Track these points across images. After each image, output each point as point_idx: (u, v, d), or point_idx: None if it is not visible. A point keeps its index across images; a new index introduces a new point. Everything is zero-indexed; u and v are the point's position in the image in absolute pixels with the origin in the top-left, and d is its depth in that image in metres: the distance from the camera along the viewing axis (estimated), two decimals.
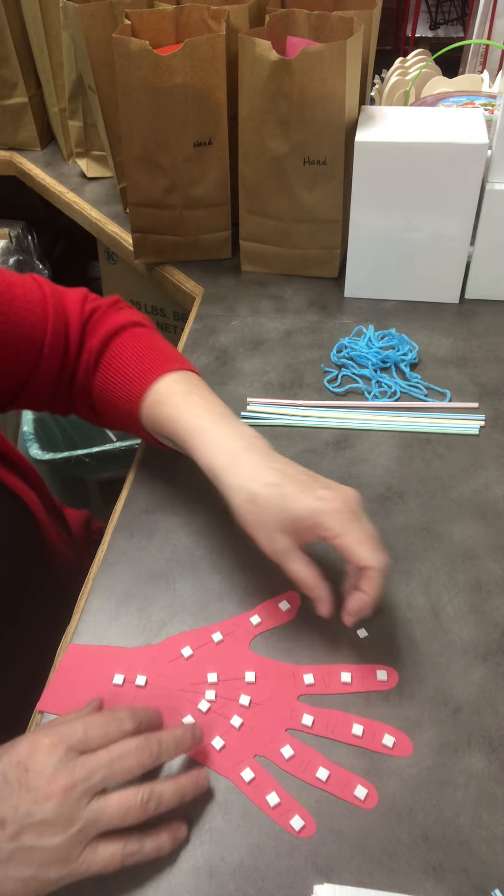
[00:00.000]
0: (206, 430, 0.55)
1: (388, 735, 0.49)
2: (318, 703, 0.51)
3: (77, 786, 0.40)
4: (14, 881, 0.39)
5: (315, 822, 0.45)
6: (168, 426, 0.58)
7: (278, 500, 0.50)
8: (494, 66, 1.42)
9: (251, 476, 0.52)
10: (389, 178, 0.79)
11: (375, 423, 0.73)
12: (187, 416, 0.57)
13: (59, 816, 0.39)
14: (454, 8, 2.45)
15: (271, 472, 0.51)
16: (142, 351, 0.62)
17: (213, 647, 0.54)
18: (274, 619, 0.56)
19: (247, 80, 0.79)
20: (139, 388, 0.60)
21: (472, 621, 0.56)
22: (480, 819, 0.45)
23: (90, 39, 0.91)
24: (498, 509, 0.64)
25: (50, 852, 0.39)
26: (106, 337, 0.63)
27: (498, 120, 0.79)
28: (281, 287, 0.92)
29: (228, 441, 0.54)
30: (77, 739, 0.42)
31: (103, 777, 0.41)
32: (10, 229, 1.49)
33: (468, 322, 0.86)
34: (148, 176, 0.87)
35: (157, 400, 0.59)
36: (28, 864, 0.39)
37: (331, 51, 0.73)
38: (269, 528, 0.51)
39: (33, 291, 0.62)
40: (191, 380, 0.60)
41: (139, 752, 0.42)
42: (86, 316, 0.64)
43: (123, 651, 0.54)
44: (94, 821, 0.40)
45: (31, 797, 0.39)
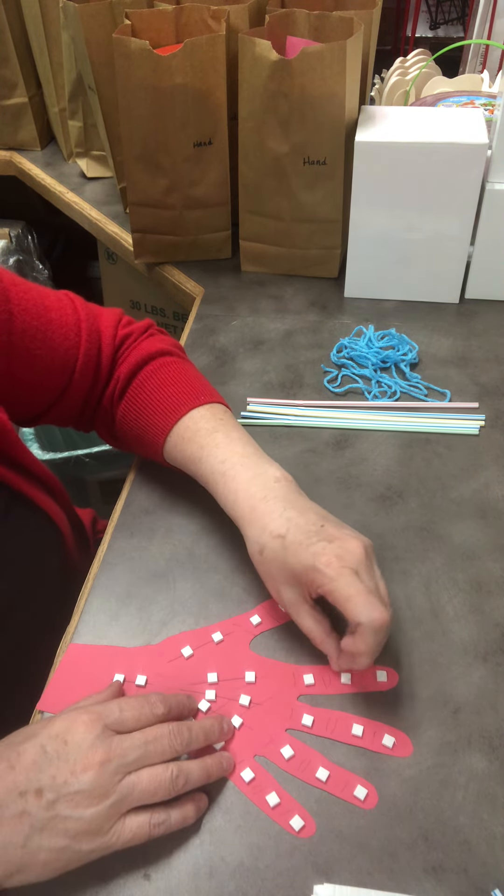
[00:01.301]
0: (227, 476, 0.55)
1: (388, 735, 0.49)
2: (319, 703, 0.51)
3: (113, 761, 0.42)
4: (48, 851, 0.40)
5: (315, 822, 0.45)
6: (191, 467, 0.58)
7: (280, 554, 0.50)
8: (494, 66, 1.42)
9: (263, 526, 0.51)
10: (389, 178, 0.79)
11: (375, 423, 0.73)
12: (210, 460, 0.56)
13: (94, 788, 0.41)
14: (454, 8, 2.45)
15: (281, 522, 0.51)
16: (168, 384, 0.62)
17: (213, 646, 0.54)
18: (274, 618, 0.56)
19: (247, 80, 0.79)
20: (163, 425, 0.60)
21: (472, 621, 0.56)
22: (480, 819, 0.45)
23: (90, 39, 0.91)
24: (498, 509, 0.64)
25: (83, 823, 0.40)
26: (134, 367, 0.63)
27: (498, 120, 0.79)
28: (281, 287, 0.92)
29: (248, 489, 0.54)
30: (113, 719, 0.44)
31: (138, 757, 0.43)
32: (10, 229, 1.49)
33: (468, 322, 0.86)
34: (148, 176, 0.87)
35: (181, 437, 0.59)
36: (62, 834, 0.40)
37: (331, 51, 0.73)
38: (276, 580, 0.51)
39: (68, 314, 0.62)
40: (216, 415, 0.60)
41: (171, 737, 0.44)
42: (118, 342, 0.64)
43: (123, 651, 0.54)
44: (126, 795, 0.42)
45: (69, 768, 0.41)
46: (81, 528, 0.75)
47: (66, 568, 0.65)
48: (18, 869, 0.39)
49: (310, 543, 0.49)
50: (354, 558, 0.48)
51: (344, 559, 0.47)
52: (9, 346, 0.57)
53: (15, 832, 0.39)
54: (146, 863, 0.43)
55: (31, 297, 0.59)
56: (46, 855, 0.40)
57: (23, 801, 0.40)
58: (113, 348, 0.64)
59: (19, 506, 0.58)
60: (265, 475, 0.54)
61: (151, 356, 0.63)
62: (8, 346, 0.57)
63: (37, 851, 0.40)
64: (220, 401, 0.62)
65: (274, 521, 0.51)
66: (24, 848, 0.39)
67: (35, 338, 0.59)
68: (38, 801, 0.40)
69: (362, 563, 0.48)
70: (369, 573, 0.48)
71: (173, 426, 0.59)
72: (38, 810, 0.40)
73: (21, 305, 0.58)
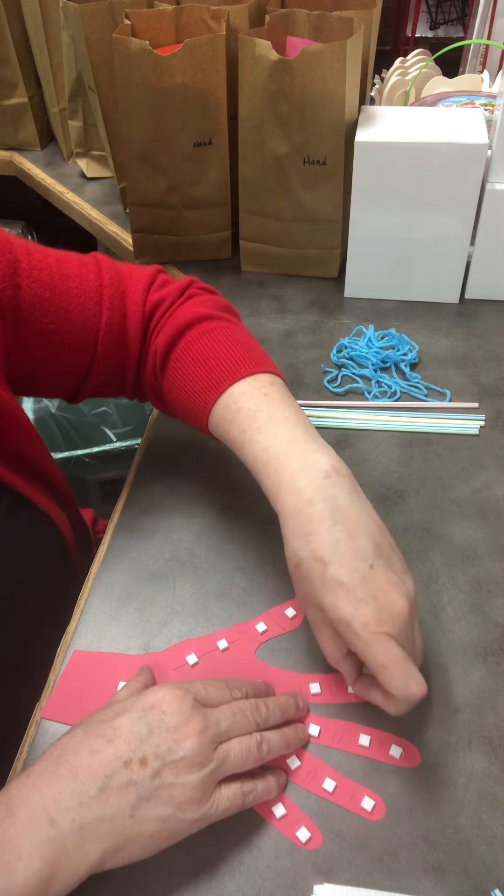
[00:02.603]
0: (271, 466, 0.49)
1: (396, 746, 0.48)
2: (325, 712, 0.51)
3: (209, 729, 0.42)
4: (155, 820, 0.40)
5: (322, 834, 0.45)
6: (236, 452, 0.53)
7: (318, 581, 0.44)
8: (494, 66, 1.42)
9: (305, 538, 0.45)
10: (389, 178, 0.79)
11: (375, 423, 0.73)
12: (253, 445, 0.50)
13: (196, 754, 0.41)
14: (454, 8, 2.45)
15: (327, 542, 0.44)
16: (206, 356, 0.56)
17: (218, 654, 0.54)
18: (280, 626, 0.55)
19: (247, 80, 0.79)
20: (203, 403, 0.55)
21: (472, 621, 0.56)
22: (480, 819, 0.45)
23: (90, 39, 0.91)
24: (498, 509, 0.64)
25: (188, 790, 0.40)
26: (170, 338, 0.58)
27: (498, 120, 0.79)
28: (281, 287, 0.92)
29: (293, 483, 0.47)
30: (201, 695, 0.45)
31: (228, 727, 0.44)
32: (10, 229, 1.49)
33: (468, 322, 0.86)
34: (148, 176, 0.87)
35: (223, 417, 0.53)
36: (168, 801, 0.40)
37: (331, 51, 0.73)
38: (305, 598, 0.47)
39: (89, 281, 0.57)
40: (260, 389, 0.53)
41: (252, 710, 0.45)
42: (148, 310, 0.59)
43: (127, 658, 0.54)
44: (223, 762, 0.42)
45: (172, 736, 0.41)
46: (84, 529, 0.74)
47: (67, 569, 0.65)
48: (125, 842, 0.39)
49: (351, 589, 0.43)
50: (396, 623, 0.43)
51: (384, 623, 0.43)
52: (16, 321, 0.54)
53: (123, 802, 0.39)
54: (146, 863, 0.43)
55: (46, 265, 0.55)
56: (153, 825, 0.40)
57: (128, 771, 0.40)
58: (142, 316, 0.59)
59: (22, 508, 0.58)
60: (314, 467, 0.47)
61: (189, 324, 0.58)
62: (15, 320, 0.54)
63: (144, 821, 0.40)
64: (267, 369, 0.55)
65: (318, 537, 0.44)
66: (132, 818, 0.39)
67: (48, 310, 0.55)
68: (143, 770, 0.40)
69: (404, 626, 0.44)
70: (408, 637, 0.44)
71: (213, 405, 0.54)
72: (144, 779, 0.40)
73: (32, 276, 0.54)
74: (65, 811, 0.38)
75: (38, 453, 0.60)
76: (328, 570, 0.44)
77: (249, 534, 0.62)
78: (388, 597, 0.44)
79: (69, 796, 0.39)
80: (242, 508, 0.64)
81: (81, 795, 0.39)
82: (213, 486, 0.66)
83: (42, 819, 0.38)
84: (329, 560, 0.44)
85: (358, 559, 0.44)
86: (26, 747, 0.49)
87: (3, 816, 0.38)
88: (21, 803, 0.39)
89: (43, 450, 0.61)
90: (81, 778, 0.39)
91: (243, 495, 0.66)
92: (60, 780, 0.39)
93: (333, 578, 0.44)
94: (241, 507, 0.64)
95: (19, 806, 0.39)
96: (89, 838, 0.38)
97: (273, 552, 0.61)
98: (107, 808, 0.39)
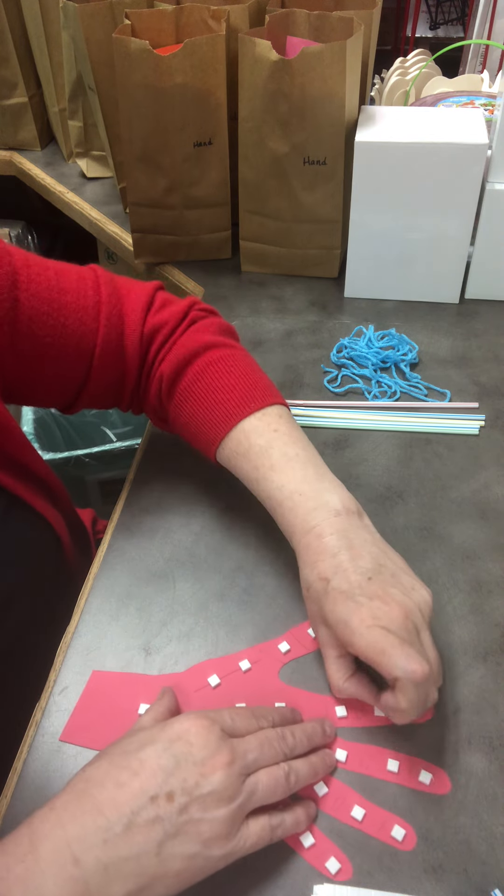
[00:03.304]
0: (285, 507, 0.52)
1: (425, 771, 0.47)
2: (351, 736, 0.49)
3: (237, 762, 0.41)
4: (181, 858, 0.38)
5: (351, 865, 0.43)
6: (249, 486, 0.56)
7: (321, 598, 0.48)
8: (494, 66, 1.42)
9: (313, 565, 0.49)
10: (389, 178, 0.79)
11: (375, 423, 0.73)
12: (267, 483, 0.53)
13: (225, 789, 0.40)
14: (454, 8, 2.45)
15: (331, 565, 0.48)
16: (214, 389, 0.57)
17: (240, 675, 0.52)
18: (303, 646, 0.54)
19: (247, 80, 0.79)
20: (214, 435, 0.57)
21: (472, 621, 0.56)
22: (480, 819, 0.45)
23: (90, 39, 0.91)
24: (498, 509, 0.64)
25: (216, 825, 0.39)
26: (176, 367, 0.59)
27: (498, 120, 0.79)
28: (281, 287, 0.92)
29: (306, 523, 0.50)
30: (227, 725, 0.44)
31: (255, 758, 0.42)
32: (10, 229, 1.49)
33: (468, 322, 0.86)
34: (148, 176, 0.87)
35: (234, 451, 0.56)
36: (195, 838, 0.39)
37: (331, 51, 0.73)
38: (315, 618, 0.50)
39: (87, 297, 0.58)
40: (270, 425, 0.55)
41: (279, 741, 0.44)
42: (147, 332, 0.60)
43: (147, 678, 0.53)
44: (251, 795, 0.41)
45: (199, 770, 0.40)
46: (81, 529, 0.74)
47: (64, 570, 0.65)
48: (150, 882, 0.37)
49: (350, 595, 0.46)
50: (393, 622, 0.45)
51: (380, 620, 0.45)
52: (13, 333, 0.54)
53: (149, 840, 0.38)
54: None
55: (45, 278, 0.56)
56: (179, 864, 0.38)
57: (154, 807, 0.38)
58: (140, 338, 0.59)
59: (17, 509, 0.58)
60: (326, 507, 0.51)
61: (195, 353, 0.59)
62: (12, 333, 0.54)
63: (170, 859, 0.38)
64: (275, 401, 0.57)
65: (324, 563, 0.48)
66: (158, 856, 0.38)
67: (45, 324, 0.55)
68: (169, 805, 0.38)
69: (403, 627, 0.45)
70: (411, 632, 0.45)
71: (223, 439, 0.56)
72: (171, 814, 0.38)
73: (31, 290, 0.54)
74: (89, 849, 0.37)
75: (29, 456, 0.60)
76: (331, 584, 0.47)
77: (249, 534, 0.62)
78: (385, 600, 0.46)
79: (94, 833, 0.37)
80: (242, 508, 0.64)
81: (107, 833, 0.37)
82: (213, 486, 0.66)
83: (66, 857, 0.37)
84: (331, 577, 0.47)
85: (358, 574, 0.47)
86: (26, 748, 0.49)
87: (27, 852, 0.37)
88: (44, 838, 0.37)
89: (35, 455, 0.61)
90: (107, 814, 0.38)
91: (243, 495, 0.65)
92: (85, 816, 0.38)
93: (335, 589, 0.47)
94: (241, 507, 0.64)
95: (42, 841, 0.37)
96: (114, 879, 0.37)
97: (273, 552, 0.61)
98: (133, 846, 0.37)
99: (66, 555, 0.64)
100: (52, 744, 0.49)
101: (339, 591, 0.46)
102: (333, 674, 0.49)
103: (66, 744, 0.49)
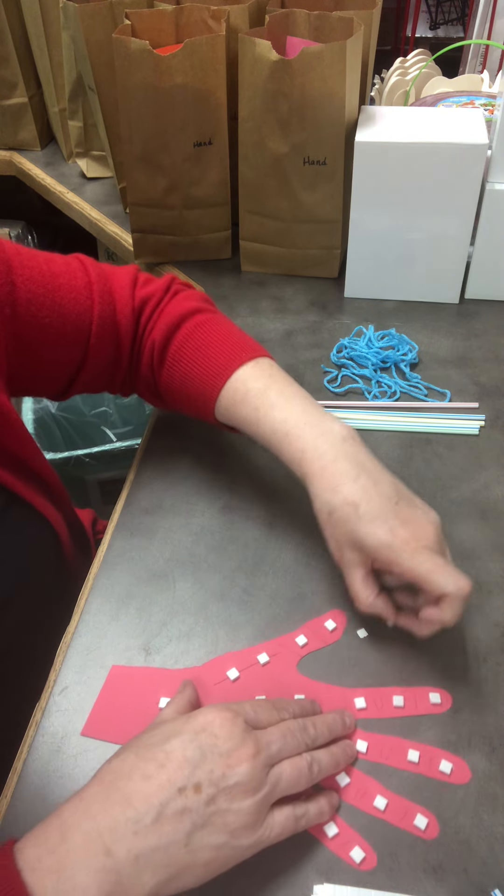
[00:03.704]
0: (292, 436, 0.54)
1: (445, 761, 0.48)
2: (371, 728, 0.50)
3: (261, 753, 0.42)
4: (209, 848, 0.39)
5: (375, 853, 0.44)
6: (249, 429, 0.57)
7: (352, 522, 0.50)
8: (494, 66, 1.42)
9: (334, 488, 0.51)
10: (389, 178, 0.79)
11: (375, 423, 0.73)
12: (270, 420, 0.55)
13: (251, 780, 0.41)
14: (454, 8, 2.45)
15: (355, 489, 0.50)
16: (207, 344, 0.60)
17: (259, 668, 0.53)
18: (320, 639, 0.55)
19: (247, 80, 0.79)
20: (211, 388, 0.58)
21: (472, 621, 0.56)
22: (480, 819, 0.45)
23: (90, 39, 0.91)
24: (498, 509, 0.64)
25: (242, 816, 0.40)
26: (167, 331, 0.61)
27: (498, 120, 0.79)
28: (281, 287, 0.92)
29: (316, 447, 0.53)
30: (250, 717, 0.44)
31: (279, 749, 0.43)
32: (10, 229, 1.49)
33: (468, 322, 0.86)
34: (148, 176, 0.87)
35: (232, 400, 0.58)
36: (222, 829, 0.39)
37: (331, 51, 0.73)
38: (340, 542, 0.51)
39: (77, 278, 0.60)
40: (264, 370, 0.58)
41: (301, 732, 0.45)
42: (137, 304, 0.62)
43: (166, 672, 0.53)
44: (275, 785, 0.42)
45: (225, 762, 0.41)
46: (81, 529, 0.74)
47: (63, 569, 0.65)
48: (179, 871, 0.38)
49: (385, 519, 0.49)
50: (430, 540, 0.49)
51: (421, 540, 0.48)
52: (14, 317, 0.55)
53: (178, 830, 0.39)
54: None
55: (36, 263, 0.58)
56: (208, 854, 0.39)
57: (182, 798, 0.39)
58: (132, 310, 0.62)
59: (16, 508, 0.58)
60: (332, 433, 0.53)
61: (182, 317, 0.62)
62: (13, 316, 0.55)
63: (199, 850, 0.39)
64: (264, 353, 0.61)
65: (347, 486, 0.50)
66: (187, 847, 0.39)
67: (43, 305, 0.57)
68: (197, 797, 0.39)
69: (438, 544, 0.49)
70: (443, 551, 0.49)
71: (221, 389, 0.58)
72: (199, 806, 0.39)
73: (25, 274, 0.56)
74: (120, 840, 0.38)
75: (32, 455, 0.60)
76: (361, 509, 0.50)
77: (249, 534, 0.62)
78: (418, 521, 0.50)
79: (124, 825, 0.38)
80: (242, 508, 0.64)
81: (137, 825, 0.38)
82: (213, 486, 0.66)
83: (98, 848, 0.37)
84: (360, 502, 0.50)
85: (384, 498, 0.50)
86: (26, 748, 0.49)
87: (58, 843, 0.38)
88: (75, 830, 0.38)
89: (36, 451, 0.61)
90: (136, 806, 0.39)
91: (243, 495, 0.66)
92: (114, 807, 0.39)
93: (368, 513, 0.49)
94: (241, 507, 0.64)
95: (73, 832, 0.38)
96: (145, 869, 0.38)
97: (273, 552, 0.61)
98: (162, 837, 0.38)
99: (66, 554, 0.64)
100: (52, 744, 0.49)
101: (373, 515, 0.49)
102: (361, 591, 0.51)
103: (66, 744, 0.49)
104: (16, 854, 0.38)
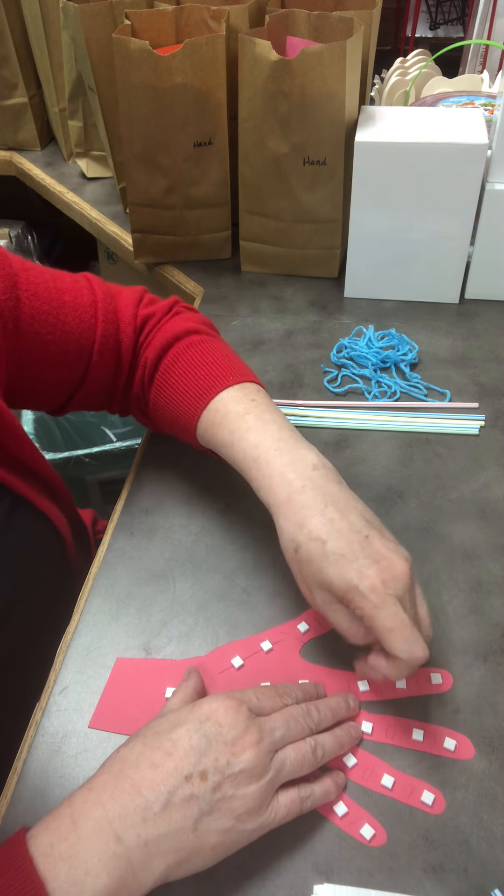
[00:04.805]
0: (261, 462, 0.52)
1: (449, 738, 0.48)
2: (375, 708, 0.51)
3: (265, 739, 0.43)
4: (216, 833, 0.40)
5: (385, 830, 0.45)
6: (225, 452, 0.55)
7: (318, 559, 0.46)
8: (494, 66, 1.42)
9: (300, 522, 0.48)
10: (389, 178, 0.79)
11: (375, 423, 0.73)
12: (243, 444, 0.53)
13: (255, 766, 0.42)
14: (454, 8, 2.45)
15: (321, 522, 0.47)
16: (196, 365, 0.59)
17: (263, 656, 0.54)
18: (321, 625, 0.55)
19: (247, 80, 0.79)
20: (193, 409, 0.58)
21: (472, 621, 0.56)
22: (480, 819, 0.45)
23: (90, 39, 0.91)
24: (498, 509, 0.64)
25: (247, 801, 0.41)
26: (160, 350, 0.61)
27: (498, 120, 0.79)
28: (281, 287, 0.92)
29: (284, 475, 0.50)
30: (254, 704, 0.45)
31: (283, 735, 0.44)
32: (10, 229, 1.49)
33: (468, 322, 0.86)
34: (148, 176, 0.87)
35: (212, 422, 0.56)
36: (228, 814, 0.41)
37: (331, 51, 0.73)
38: (308, 581, 0.48)
39: (83, 296, 0.60)
40: (248, 396, 0.57)
41: (305, 717, 0.46)
42: (139, 323, 0.62)
43: (171, 663, 0.53)
44: (280, 770, 0.43)
45: (230, 749, 0.42)
46: (83, 529, 0.75)
47: (66, 570, 0.65)
48: (188, 856, 0.40)
49: (353, 558, 0.46)
50: (400, 584, 0.45)
51: (389, 585, 0.45)
52: (16, 332, 0.56)
53: (185, 817, 0.40)
54: None
55: (42, 280, 0.58)
56: (215, 838, 0.40)
57: (189, 785, 0.40)
58: (134, 329, 0.62)
59: (21, 509, 0.58)
60: (303, 461, 0.51)
61: (177, 337, 0.61)
62: (16, 332, 0.55)
63: (206, 835, 0.40)
64: (252, 379, 0.59)
65: (313, 520, 0.47)
66: (195, 832, 0.40)
67: (46, 322, 0.57)
68: (203, 784, 0.40)
69: (407, 589, 0.46)
70: (412, 600, 0.46)
71: (203, 410, 0.57)
72: (205, 793, 0.40)
73: (30, 290, 0.56)
74: (130, 827, 0.39)
75: (33, 457, 0.60)
76: (328, 546, 0.46)
77: (249, 534, 0.62)
78: (389, 560, 0.46)
79: (133, 812, 0.39)
80: (242, 508, 0.64)
81: (146, 812, 0.39)
82: (213, 486, 0.66)
83: (108, 835, 0.38)
84: (327, 537, 0.47)
85: (353, 532, 0.47)
86: (26, 748, 0.49)
87: (69, 830, 0.39)
88: (86, 817, 0.39)
89: (37, 453, 0.62)
90: (145, 793, 0.40)
91: (243, 495, 0.66)
92: (124, 795, 0.40)
93: (334, 552, 0.46)
94: (241, 507, 0.64)
95: (84, 820, 0.39)
96: (154, 854, 0.39)
97: (273, 552, 0.61)
98: (171, 823, 0.39)
99: (69, 554, 0.65)
100: (52, 744, 0.49)
101: (340, 554, 0.46)
102: (349, 626, 0.48)
103: (66, 744, 0.49)
104: (28, 841, 0.39)
